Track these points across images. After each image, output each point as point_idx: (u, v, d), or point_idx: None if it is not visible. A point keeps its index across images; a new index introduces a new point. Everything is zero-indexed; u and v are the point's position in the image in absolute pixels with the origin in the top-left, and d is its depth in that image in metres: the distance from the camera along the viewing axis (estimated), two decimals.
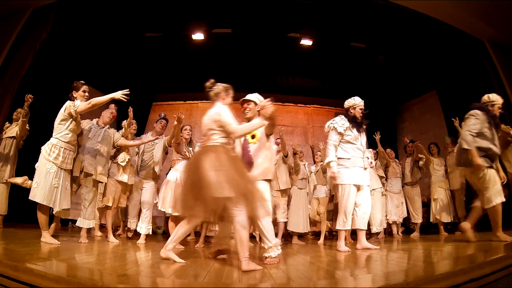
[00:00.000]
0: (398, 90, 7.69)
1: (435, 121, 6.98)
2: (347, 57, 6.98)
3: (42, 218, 3.09)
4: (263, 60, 7.20)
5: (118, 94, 3.10)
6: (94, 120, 3.88)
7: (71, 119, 3.15)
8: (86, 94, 3.27)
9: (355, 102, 3.53)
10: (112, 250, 3.15)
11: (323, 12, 5.69)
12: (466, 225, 3.35)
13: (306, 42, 6.41)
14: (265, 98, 2.49)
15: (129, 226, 4.33)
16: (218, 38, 6.38)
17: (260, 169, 2.62)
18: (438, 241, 4.17)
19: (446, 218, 4.90)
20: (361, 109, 3.53)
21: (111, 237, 3.85)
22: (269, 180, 2.71)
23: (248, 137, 2.69)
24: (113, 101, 3.26)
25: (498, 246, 2.92)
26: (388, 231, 5.48)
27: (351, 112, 3.53)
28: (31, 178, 3.23)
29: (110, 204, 3.98)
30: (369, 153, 4.00)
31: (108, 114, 3.91)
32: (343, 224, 3.39)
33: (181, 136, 4.00)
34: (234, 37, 6.43)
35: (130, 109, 3.99)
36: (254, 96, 2.76)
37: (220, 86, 2.58)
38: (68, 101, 3.21)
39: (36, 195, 2.99)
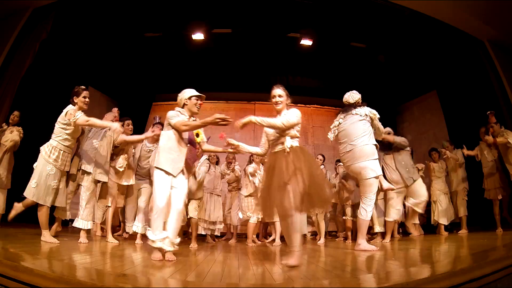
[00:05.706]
0: (398, 90, 7.67)
1: (435, 121, 6.97)
2: (347, 57, 6.96)
3: (42, 217, 3.13)
4: (263, 60, 7.18)
5: (115, 125, 3.21)
6: None
7: (70, 125, 3.16)
8: (87, 99, 3.24)
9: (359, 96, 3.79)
10: (111, 250, 3.16)
11: (323, 12, 5.68)
12: None
13: (306, 42, 6.40)
14: (265, 98, 2.49)
15: (127, 230, 4.34)
16: (218, 38, 6.37)
17: None
18: (438, 241, 4.16)
19: (444, 220, 4.87)
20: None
21: (110, 237, 3.81)
22: None
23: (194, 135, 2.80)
24: (116, 105, 3.26)
25: (498, 246, 2.92)
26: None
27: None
28: (28, 178, 3.21)
29: (109, 204, 3.97)
30: None
31: (111, 117, 3.99)
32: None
33: None
34: (234, 37, 6.42)
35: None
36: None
37: None
38: (70, 105, 3.20)
39: (34, 194, 3.06)
